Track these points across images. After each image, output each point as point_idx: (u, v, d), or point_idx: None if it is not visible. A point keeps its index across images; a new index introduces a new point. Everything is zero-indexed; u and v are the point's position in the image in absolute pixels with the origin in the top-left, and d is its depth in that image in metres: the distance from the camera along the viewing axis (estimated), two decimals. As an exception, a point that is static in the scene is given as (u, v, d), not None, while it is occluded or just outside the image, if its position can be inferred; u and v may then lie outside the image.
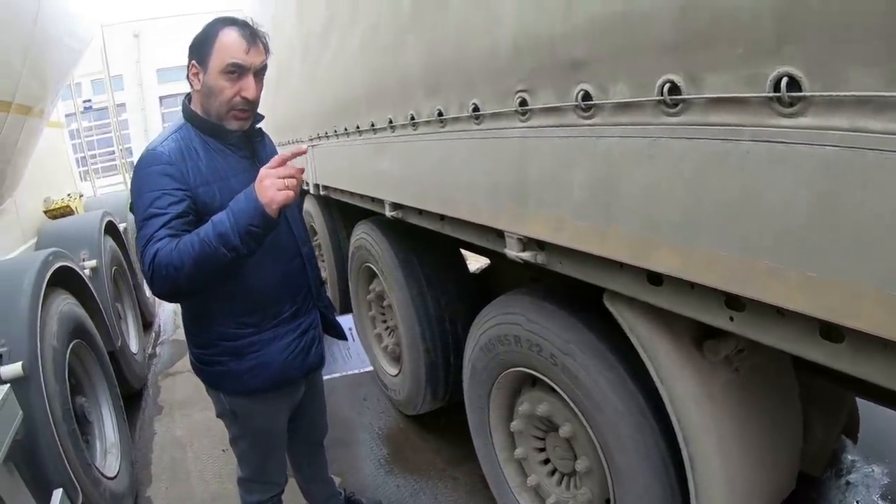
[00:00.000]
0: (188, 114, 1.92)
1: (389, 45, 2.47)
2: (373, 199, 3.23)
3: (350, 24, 2.93)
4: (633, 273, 1.44)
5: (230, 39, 1.79)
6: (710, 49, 1.07)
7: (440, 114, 2.12)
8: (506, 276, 3.53)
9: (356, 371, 2.54)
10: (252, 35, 1.82)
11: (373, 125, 2.88)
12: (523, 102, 1.61)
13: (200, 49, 1.82)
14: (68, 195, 6.00)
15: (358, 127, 3.11)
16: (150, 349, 6.04)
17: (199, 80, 1.85)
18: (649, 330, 1.53)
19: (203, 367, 2.08)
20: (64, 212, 5.37)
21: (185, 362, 5.35)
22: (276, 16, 4.68)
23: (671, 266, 1.25)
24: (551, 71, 1.49)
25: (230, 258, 1.64)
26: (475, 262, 4.15)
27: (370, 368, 2.85)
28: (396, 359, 3.77)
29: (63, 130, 7.27)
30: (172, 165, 1.77)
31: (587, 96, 1.38)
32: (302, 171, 1.75)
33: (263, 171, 1.67)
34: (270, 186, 1.63)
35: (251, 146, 2.04)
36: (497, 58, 1.69)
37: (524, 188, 1.67)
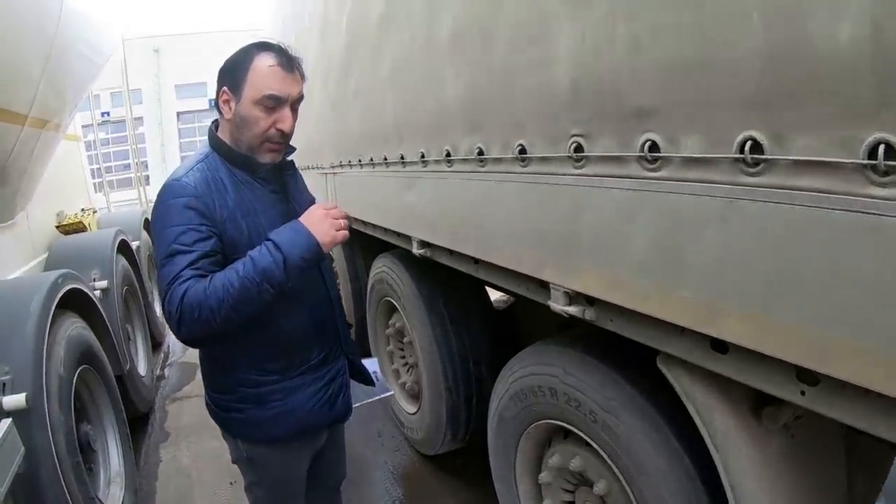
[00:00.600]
0: (215, 142, 1.81)
1: (424, 76, 2.38)
2: (398, 234, 3.13)
3: (377, 50, 2.86)
4: (695, 338, 1.32)
5: (266, 68, 1.69)
6: (799, 106, 0.97)
7: (480, 152, 2.01)
8: (532, 316, 3.40)
9: (378, 397, 2.44)
10: (289, 63, 1.73)
11: (402, 158, 2.78)
12: (578, 148, 1.51)
13: (233, 75, 1.71)
14: (82, 210, 5.93)
15: (385, 158, 3.02)
16: (158, 371, 5.93)
17: (230, 109, 1.74)
18: (706, 396, 1.42)
19: (220, 412, 1.96)
20: (77, 228, 5.28)
21: (194, 386, 5.29)
22: (299, 36, 4.63)
23: (741, 335, 1.14)
24: (613, 116, 1.39)
25: (272, 295, 1.58)
26: (493, 293, 4.04)
27: (391, 392, 2.78)
28: (415, 396, 3.69)
29: (79, 143, 7.21)
30: (198, 198, 1.66)
31: (654, 147, 1.28)
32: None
33: (319, 208, 1.69)
34: (328, 223, 1.64)
35: (281, 179, 1.93)
36: (549, 98, 1.59)
37: (576, 239, 1.57)
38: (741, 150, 1.08)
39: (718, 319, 1.18)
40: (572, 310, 1.67)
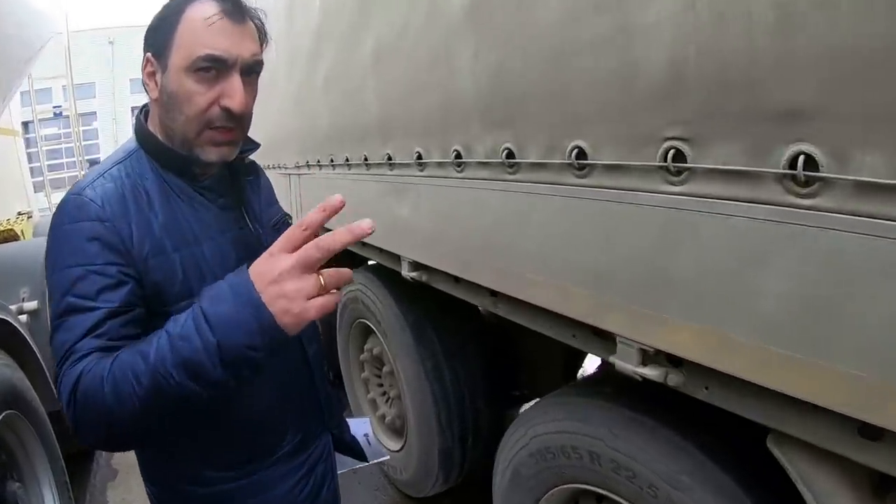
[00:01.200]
0: (142, 135, 1.28)
1: (424, 57, 1.97)
2: (381, 251, 2.72)
3: (358, 29, 2.45)
4: (836, 420, 1.03)
5: (201, 19, 1.15)
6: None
7: (510, 154, 1.61)
8: (533, 337, 3.01)
9: (371, 462, 2.01)
10: (237, 11, 1.18)
11: (389, 158, 2.36)
12: (678, 156, 1.15)
13: (158, 35, 1.19)
14: (18, 214, 5.35)
15: (366, 158, 2.60)
16: None
17: (156, 84, 1.21)
18: (828, 482, 1.14)
19: None
20: (6, 236, 4.70)
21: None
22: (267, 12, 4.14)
23: None
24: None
25: (203, 397, 0.98)
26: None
27: (387, 457, 2.41)
28: (397, 431, 3.33)
29: (17, 139, 6.60)
30: (106, 223, 1.12)
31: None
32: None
33: (275, 258, 0.96)
34: (296, 293, 0.93)
35: (237, 189, 1.39)
36: (631, 94, 1.24)
37: (666, 282, 1.21)
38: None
39: (882, 402, 0.92)
40: (649, 373, 1.31)
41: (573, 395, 1.89)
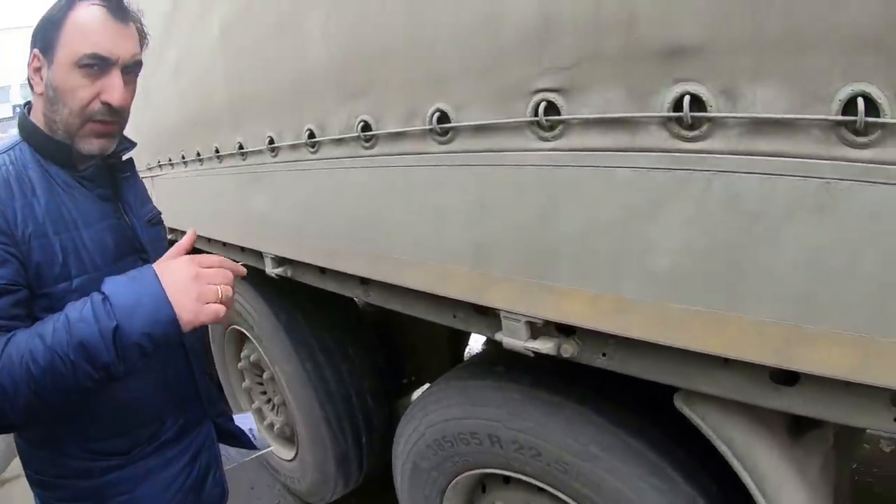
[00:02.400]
0: (25, 129, 1.36)
1: (276, 21, 1.79)
2: (242, 250, 2.51)
3: (208, 3, 2.21)
4: (747, 371, 1.01)
5: (87, 19, 1.26)
6: None
7: (366, 127, 1.47)
8: (419, 327, 2.97)
9: (254, 455, 2.00)
10: (120, 13, 1.30)
11: (241, 147, 2.17)
12: (550, 108, 1.07)
13: (46, 32, 1.29)
14: None
15: (217, 150, 2.39)
16: None
17: (41, 79, 1.31)
18: (745, 434, 1.14)
19: None
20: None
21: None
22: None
23: (830, 364, 0.87)
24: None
25: (97, 380, 1.07)
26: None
27: (270, 448, 2.32)
28: (288, 439, 3.14)
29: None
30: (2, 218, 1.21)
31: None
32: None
33: (186, 261, 1.15)
34: (197, 296, 1.10)
35: (114, 183, 1.48)
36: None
37: (551, 245, 1.13)
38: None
39: (795, 347, 0.90)
40: (540, 346, 1.23)
41: (464, 378, 1.80)
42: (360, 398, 2.67)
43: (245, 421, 1.94)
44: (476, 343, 3.42)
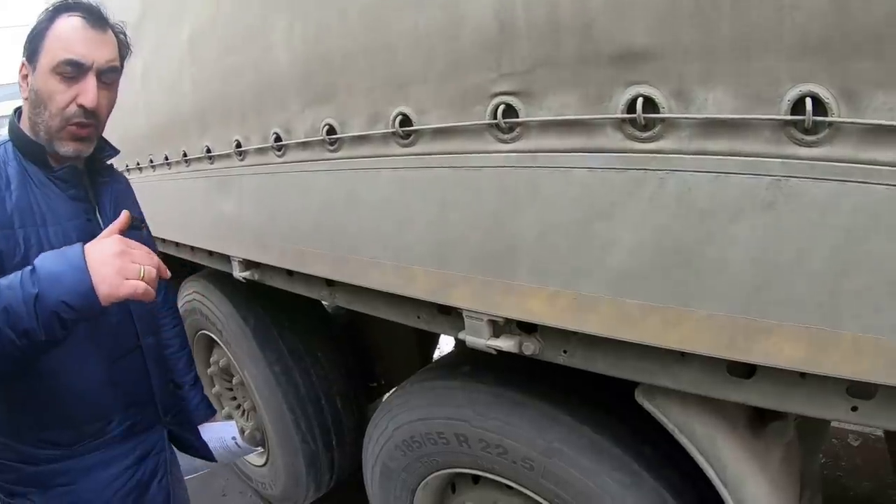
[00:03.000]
0: (12, 130, 1.47)
1: (243, 30, 1.80)
2: (210, 254, 2.50)
3: (178, 11, 2.21)
4: (705, 365, 1.04)
5: (66, 28, 1.37)
6: None
7: (331, 130, 1.49)
8: (386, 330, 2.96)
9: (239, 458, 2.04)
10: (98, 23, 1.40)
11: (208, 151, 2.16)
12: (508, 111, 1.09)
13: (32, 42, 1.40)
14: None
15: (185, 154, 2.38)
16: None
17: (27, 85, 1.42)
18: (706, 426, 1.16)
19: (3, 499, 1.51)
20: None
21: None
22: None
23: (786, 357, 0.89)
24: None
25: (20, 347, 1.11)
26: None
27: (259, 449, 2.31)
28: (259, 444, 3.10)
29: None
30: None
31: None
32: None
33: (114, 239, 1.19)
34: (117, 270, 1.14)
35: (91, 186, 1.55)
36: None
37: (510, 246, 1.14)
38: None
39: (756, 342, 0.91)
40: (502, 344, 1.25)
41: (431, 379, 1.80)
42: (329, 402, 2.66)
43: (228, 430, 1.96)
44: (446, 347, 3.42)
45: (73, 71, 1.36)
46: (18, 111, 1.49)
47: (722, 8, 0.80)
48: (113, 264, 1.14)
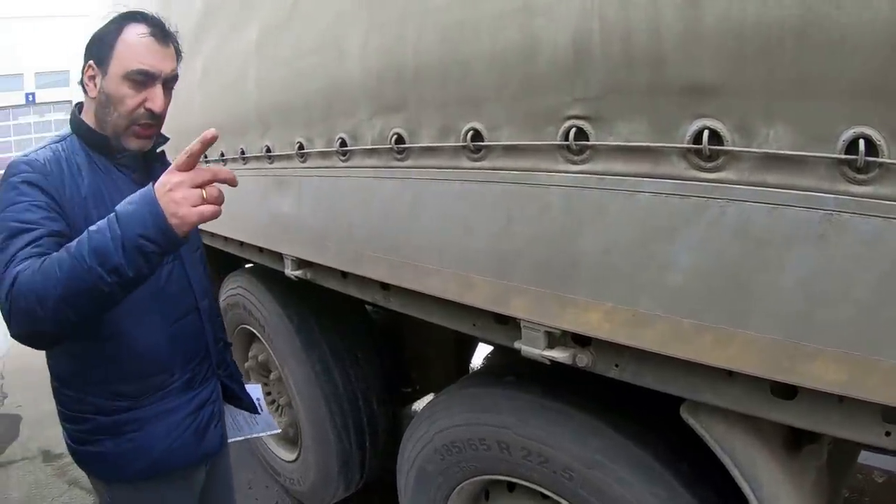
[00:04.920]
0: (76, 124, 1.61)
1: (315, 36, 1.86)
2: (261, 250, 2.56)
3: (244, 14, 2.28)
4: (750, 384, 1.07)
5: (136, 39, 1.52)
6: None
7: (399, 139, 1.55)
8: (426, 337, 2.99)
9: (262, 434, 2.19)
10: (164, 35, 1.56)
11: (268, 151, 2.23)
12: (579, 134, 1.13)
13: (100, 47, 1.53)
14: None
15: (243, 152, 2.46)
16: None
17: (95, 86, 1.55)
18: (746, 445, 1.19)
19: (77, 448, 1.67)
20: None
21: (19, 447, 4.29)
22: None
23: (827, 380, 0.92)
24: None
25: (109, 284, 1.21)
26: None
27: (278, 430, 2.36)
28: (292, 441, 3.16)
29: None
30: (46, 177, 1.46)
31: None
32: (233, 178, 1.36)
33: (171, 174, 1.25)
34: (182, 199, 1.23)
35: (147, 168, 1.69)
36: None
37: (570, 260, 1.19)
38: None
39: (800, 364, 0.95)
40: (557, 355, 1.29)
41: (474, 386, 1.83)
42: (366, 403, 2.70)
43: (253, 391, 2.07)
44: (481, 355, 3.44)
45: (142, 79, 1.51)
46: (79, 106, 1.64)
47: (785, 50, 0.85)
48: (175, 197, 1.22)
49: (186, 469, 1.75)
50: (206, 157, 2.85)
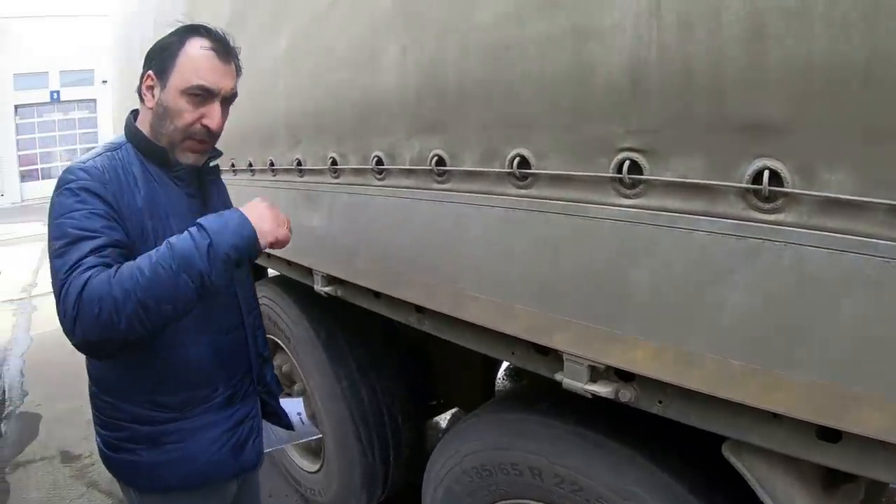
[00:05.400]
0: (131, 132, 1.60)
1: (348, 49, 1.84)
2: (289, 264, 2.55)
3: (274, 22, 2.27)
4: (796, 426, 1.04)
5: (200, 54, 1.51)
6: None
7: (440, 161, 1.52)
8: (454, 352, 2.93)
9: (305, 440, 2.28)
10: (226, 52, 1.55)
11: (299, 164, 2.22)
12: (633, 167, 1.10)
13: (162, 58, 1.52)
14: None
15: (271, 164, 2.45)
16: None
17: (153, 96, 1.54)
18: (786, 484, 1.16)
19: (109, 454, 1.67)
20: None
21: (40, 445, 4.29)
22: (159, 22, 3.86)
23: (877, 427, 0.89)
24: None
25: (192, 290, 1.31)
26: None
27: (319, 436, 2.37)
28: (314, 452, 3.15)
29: None
30: (105, 185, 1.44)
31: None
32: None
33: (260, 200, 1.49)
34: (270, 217, 1.44)
35: (202, 183, 1.71)
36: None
37: (619, 297, 1.17)
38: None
39: (841, 409, 0.93)
40: (600, 390, 1.26)
41: (508, 410, 1.81)
42: (391, 417, 2.68)
43: (295, 405, 2.12)
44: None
45: (202, 95, 1.51)
46: (134, 114, 1.62)
47: (851, 91, 0.82)
48: (269, 216, 1.43)
49: (222, 482, 1.76)
50: (233, 166, 2.85)
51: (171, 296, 1.28)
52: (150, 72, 1.53)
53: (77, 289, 1.26)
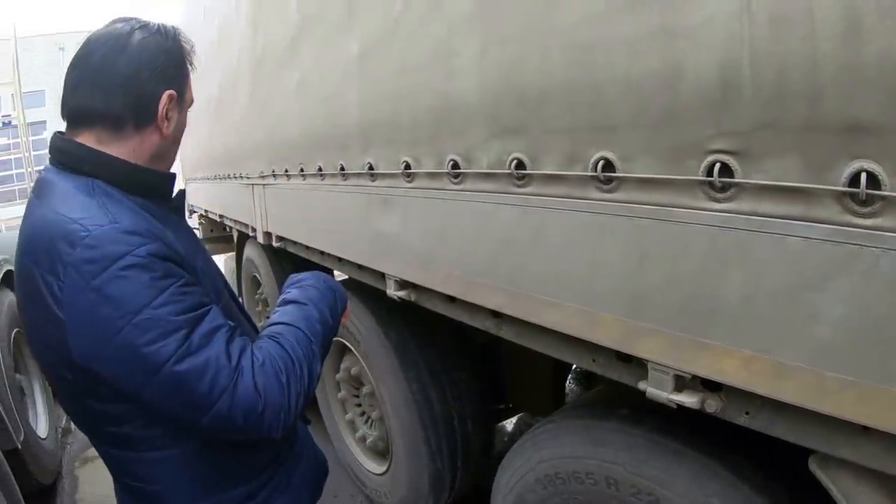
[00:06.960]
0: (108, 165, 1.23)
1: (424, 51, 1.82)
2: (360, 267, 2.55)
3: (345, 25, 2.27)
4: (888, 441, 0.99)
5: (188, 62, 1.35)
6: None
7: (519, 164, 1.49)
8: (525, 356, 2.91)
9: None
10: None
11: (371, 168, 2.22)
12: (723, 170, 1.07)
13: (177, 72, 1.30)
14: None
15: (342, 168, 2.45)
16: (62, 422, 4.85)
17: (169, 123, 1.30)
18: (871, 500, 1.10)
19: None
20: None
21: None
22: (224, 27, 3.98)
23: None
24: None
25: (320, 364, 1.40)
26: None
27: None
28: (380, 454, 3.17)
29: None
30: (158, 242, 1.14)
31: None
32: None
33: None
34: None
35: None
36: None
37: (709, 305, 1.13)
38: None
39: None
40: (685, 399, 1.22)
41: (584, 417, 1.78)
42: (461, 421, 2.67)
43: None
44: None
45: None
46: (69, 139, 1.28)
47: None
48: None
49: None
50: (302, 170, 2.88)
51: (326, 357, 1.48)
52: (172, 91, 1.27)
53: (249, 383, 1.13)
